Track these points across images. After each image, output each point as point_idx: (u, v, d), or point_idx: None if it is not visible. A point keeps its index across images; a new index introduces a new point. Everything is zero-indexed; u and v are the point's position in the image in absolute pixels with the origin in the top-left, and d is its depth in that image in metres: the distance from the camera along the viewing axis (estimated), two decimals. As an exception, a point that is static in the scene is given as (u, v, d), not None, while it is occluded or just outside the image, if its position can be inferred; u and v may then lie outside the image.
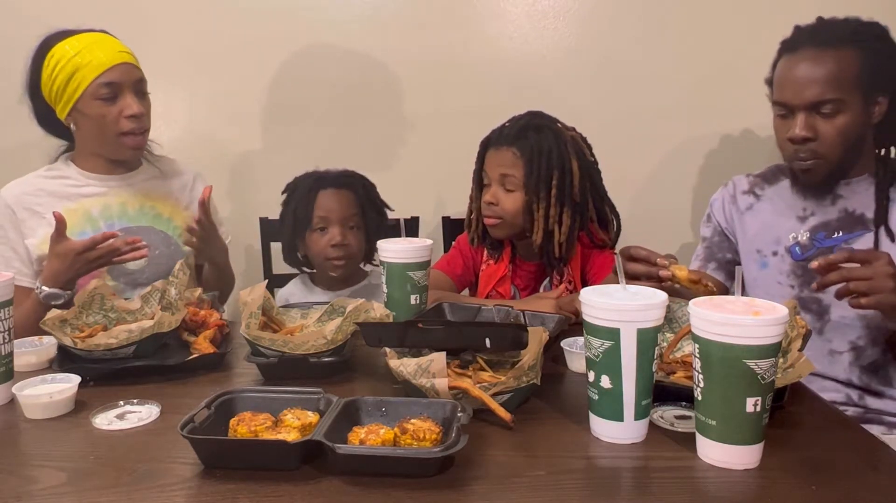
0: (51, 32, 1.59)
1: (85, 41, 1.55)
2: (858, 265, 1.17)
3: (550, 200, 1.60)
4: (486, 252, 1.77)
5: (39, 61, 1.56)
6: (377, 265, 1.81)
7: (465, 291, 1.82)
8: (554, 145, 1.61)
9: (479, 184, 1.69)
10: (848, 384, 1.42)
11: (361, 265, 1.86)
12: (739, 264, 1.03)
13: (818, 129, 1.39)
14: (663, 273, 1.22)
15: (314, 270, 1.86)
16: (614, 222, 1.72)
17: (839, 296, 1.19)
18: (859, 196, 1.45)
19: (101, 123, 1.56)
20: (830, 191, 1.46)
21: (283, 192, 1.83)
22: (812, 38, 1.41)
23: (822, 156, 1.40)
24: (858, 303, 1.17)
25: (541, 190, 1.59)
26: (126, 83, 1.55)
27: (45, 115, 1.61)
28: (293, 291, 1.85)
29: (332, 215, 1.73)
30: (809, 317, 1.44)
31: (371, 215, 1.79)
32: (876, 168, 1.44)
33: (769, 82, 1.49)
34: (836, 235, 1.44)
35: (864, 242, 1.42)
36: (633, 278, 1.23)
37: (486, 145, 1.68)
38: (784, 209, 1.52)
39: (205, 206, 1.52)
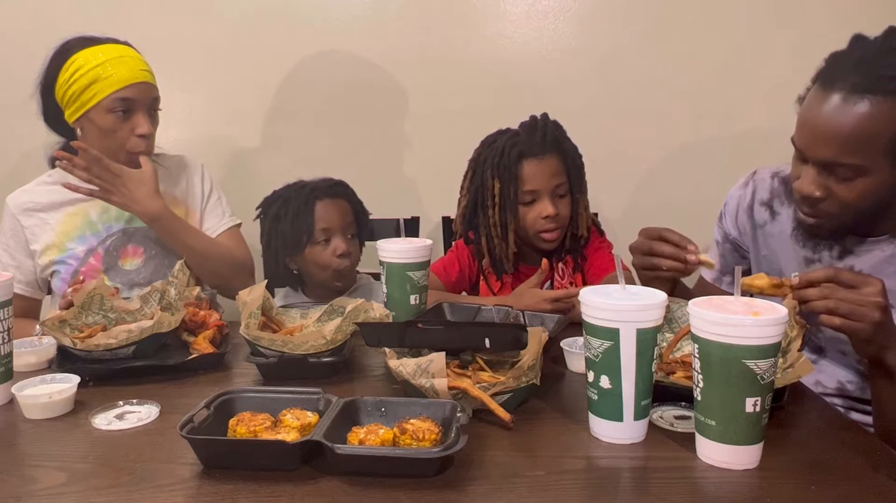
0: (73, 36, 1.59)
1: (110, 54, 1.56)
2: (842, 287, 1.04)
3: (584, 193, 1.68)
4: (481, 263, 1.72)
5: (58, 63, 1.57)
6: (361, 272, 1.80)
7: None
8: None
9: (514, 202, 1.60)
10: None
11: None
12: (740, 266, 0.99)
13: (831, 188, 1.16)
14: (691, 258, 1.16)
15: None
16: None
17: (817, 312, 1.05)
18: (871, 258, 1.24)
19: (111, 137, 1.57)
20: (841, 244, 1.27)
21: (259, 208, 1.75)
22: (851, 74, 1.11)
23: (831, 216, 1.19)
24: (832, 322, 1.03)
25: (582, 186, 1.67)
26: (141, 101, 1.58)
27: (53, 115, 1.62)
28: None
29: (333, 226, 1.68)
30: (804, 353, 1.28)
31: (361, 221, 1.77)
32: None
33: (801, 101, 1.21)
34: None
35: None
36: (657, 257, 1.20)
37: (519, 158, 1.59)
38: (793, 242, 1.34)
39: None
